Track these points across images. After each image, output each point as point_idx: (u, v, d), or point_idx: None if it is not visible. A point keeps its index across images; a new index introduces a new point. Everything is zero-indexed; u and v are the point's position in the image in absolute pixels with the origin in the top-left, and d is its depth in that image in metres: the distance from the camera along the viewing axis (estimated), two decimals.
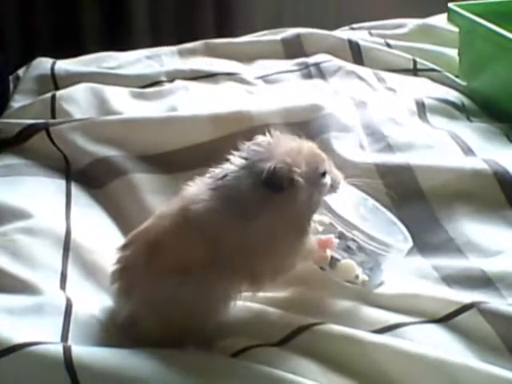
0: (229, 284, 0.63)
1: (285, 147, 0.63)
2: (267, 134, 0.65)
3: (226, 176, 0.62)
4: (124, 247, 0.66)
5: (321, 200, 0.66)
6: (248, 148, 0.64)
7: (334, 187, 0.67)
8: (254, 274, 0.63)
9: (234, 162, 0.63)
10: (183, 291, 0.62)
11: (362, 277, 0.71)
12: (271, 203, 0.61)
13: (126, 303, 0.64)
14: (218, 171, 0.64)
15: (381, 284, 0.72)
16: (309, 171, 0.63)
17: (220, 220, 0.61)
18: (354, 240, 0.71)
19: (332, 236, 0.71)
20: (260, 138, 0.65)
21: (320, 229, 0.73)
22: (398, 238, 0.74)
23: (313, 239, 0.68)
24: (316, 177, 0.64)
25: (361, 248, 0.72)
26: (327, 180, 0.66)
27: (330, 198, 0.68)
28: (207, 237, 0.61)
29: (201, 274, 0.61)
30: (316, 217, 0.70)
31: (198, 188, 0.64)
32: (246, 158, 0.63)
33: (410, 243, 0.73)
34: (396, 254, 0.71)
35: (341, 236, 0.72)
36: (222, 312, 0.64)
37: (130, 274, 0.64)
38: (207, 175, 0.65)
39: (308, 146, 0.66)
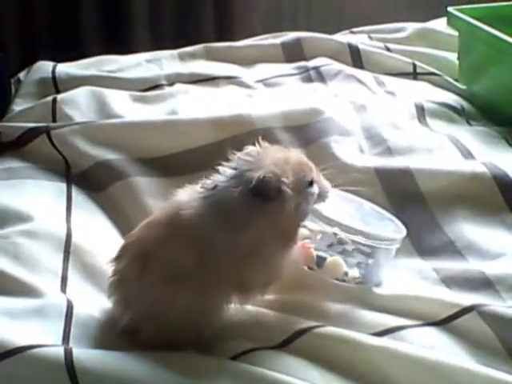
0: (219, 293, 0.63)
1: (272, 157, 0.64)
2: (256, 144, 0.66)
3: (216, 187, 0.63)
4: (116, 259, 0.66)
5: (309, 209, 0.67)
6: (237, 158, 0.65)
7: (322, 196, 0.68)
8: (242, 283, 0.64)
9: (224, 173, 0.64)
10: (176, 300, 0.62)
11: (352, 274, 0.71)
12: (260, 213, 0.62)
13: (124, 314, 0.64)
14: (208, 181, 0.64)
15: (379, 283, 0.73)
16: (296, 180, 0.64)
17: (210, 228, 0.62)
18: (346, 242, 0.72)
19: (308, 241, 0.71)
20: (249, 148, 0.66)
21: (318, 237, 0.74)
22: (389, 229, 0.74)
23: (295, 249, 0.69)
24: (303, 186, 0.65)
25: (357, 249, 0.73)
26: (314, 189, 0.66)
27: (322, 206, 0.69)
28: (197, 245, 0.62)
29: (192, 283, 0.62)
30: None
31: (187, 196, 0.65)
32: (235, 168, 0.64)
33: (403, 233, 0.73)
34: (388, 246, 0.71)
35: (337, 241, 0.73)
36: (217, 318, 0.65)
37: (124, 286, 0.65)
38: (198, 185, 0.65)
39: (296, 155, 0.67)
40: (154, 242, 0.63)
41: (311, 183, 0.66)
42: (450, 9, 1.17)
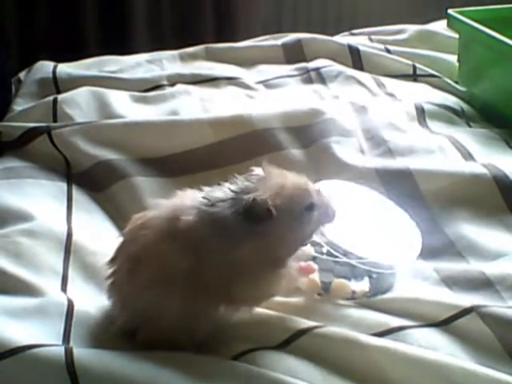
0: (207, 301, 0.63)
1: (269, 182, 0.64)
2: (262, 167, 0.66)
3: (213, 205, 0.63)
4: (111, 261, 0.66)
5: (309, 233, 0.66)
6: (238, 181, 0.65)
7: (326, 219, 0.67)
8: (230, 297, 0.64)
9: (223, 192, 0.64)
10: (167, 302, 0.62)
11: (361, 289, 0.72)
12: (250, 235, 0.62)
13: (120, 315, 0.65)
14: (209, 193, 0.65)
15: (391, 287, 0.73)
16: (290, 205, 0.64)
17: (205, 239, 0.62)
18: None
19: (312, 262, 0.71)
20: (254, 171, 0.66)
21: (324, 249, 0.74)
22: (403, 248, 0.74)
23: (294, 266, 0.69)
24: (298, 211, 0.65)
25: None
26: (314, 214, 0.66)
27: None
28: (191, 252, 0.62)
29: (182, 287, 0.62)
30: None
31: (187, 202, 0.65)
32: (233, 191, 0.64)
33: (416, 252, 0.73)
34: (387, 271, 0.72)
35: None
36: (208, 322, 0.65)
37: (119, 288, 0.65)
38: (200, 192, 0.66)
39: (296, 180, 0.66)
40: (147, 243, 0.63)
41: (310, 207, 0.65)
42: (450, 11, 1.17)
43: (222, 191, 0.64)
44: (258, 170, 0.66)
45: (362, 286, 0.72)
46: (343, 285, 0.72)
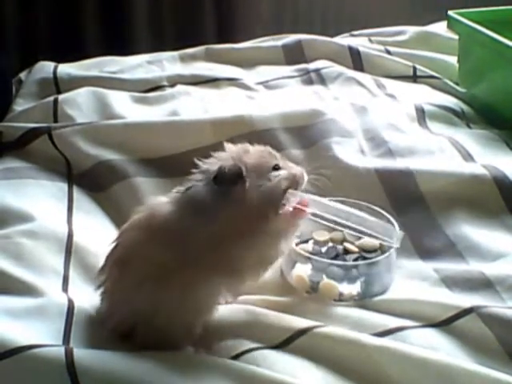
0: (207, 286, 0.64)
1: (232, 150, 0.67)
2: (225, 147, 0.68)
3: (189, 188, 0.66)
4: (101, 270, 0.67)
5: (276, 191, 0.66)
6: (203, 164, 0.67)
7: (295, 179, 0.68)
8: (233, 270, 0.64)
9: (195, 177, 0.66)
10: (161, 296, 0.62)
11: (349, 292, 0.72)
12: (226, 199, 0.63)
13: (111, 320, 0.65)
14: (181, 187, 0.67)
15: (384, 291, 0.73)
16: (257, 166, 0.66)
17: (184, 225, 0.63)
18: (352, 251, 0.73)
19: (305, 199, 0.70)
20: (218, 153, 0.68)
21: (324, 249, 0.76)
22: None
23: (284, 216, 0.68)
24: (265, 170, 0.66)
25: (361, 257, 0.73)
26: (279, 172, 0.67)
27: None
28: (174, 243, 0.62)
29: (176, 280, 0.62)
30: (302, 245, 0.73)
31: (161, 199, 0.67)
32: (201, 171, 0.66)
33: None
34: (393, 244, 0.71)
35: (342, 251, 0.74)
36: (207, 313, 0.65)
37: (110, 294, 0.66)
38: (173, 191, 0.67)
39: (258, 148, 0.68)
40: (131, 246, 0.64)
41: (275, 168, 0.67)
42: (450, 12, 1.18)
43: (192, 178, 0.66)
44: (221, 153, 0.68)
45: (351, 288, 0.72)
46: (331, 286, 0.72)
